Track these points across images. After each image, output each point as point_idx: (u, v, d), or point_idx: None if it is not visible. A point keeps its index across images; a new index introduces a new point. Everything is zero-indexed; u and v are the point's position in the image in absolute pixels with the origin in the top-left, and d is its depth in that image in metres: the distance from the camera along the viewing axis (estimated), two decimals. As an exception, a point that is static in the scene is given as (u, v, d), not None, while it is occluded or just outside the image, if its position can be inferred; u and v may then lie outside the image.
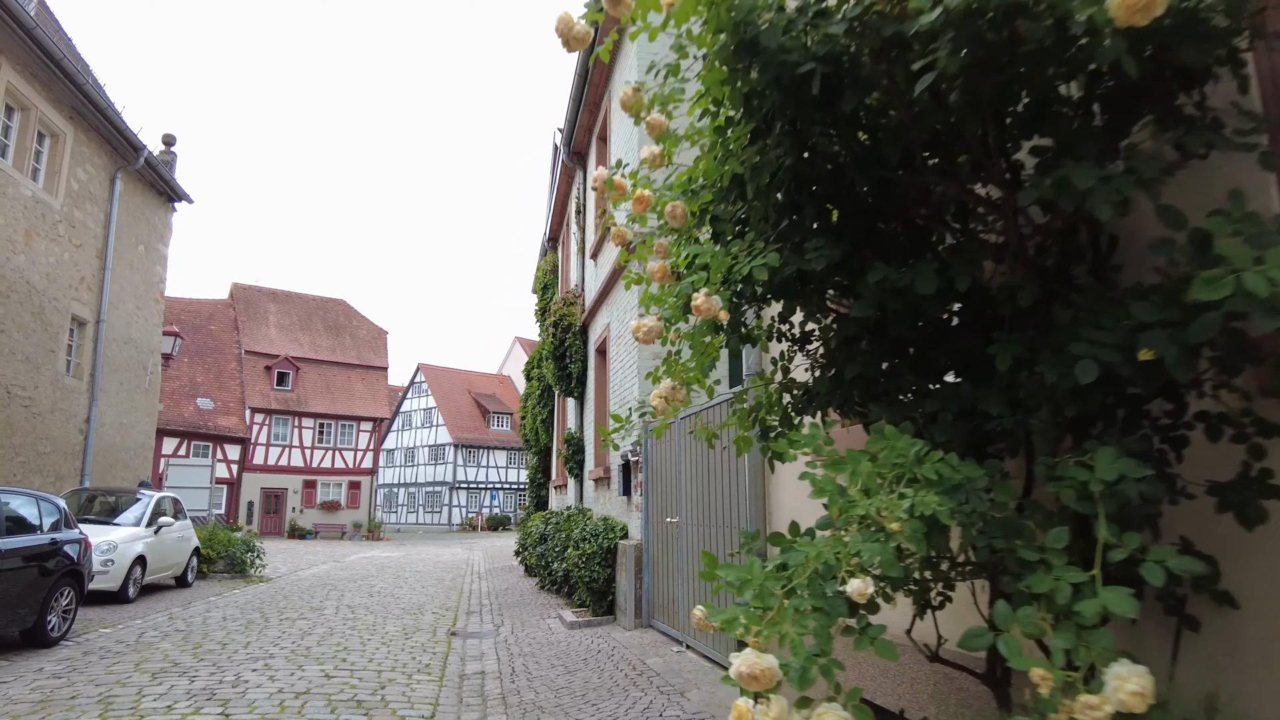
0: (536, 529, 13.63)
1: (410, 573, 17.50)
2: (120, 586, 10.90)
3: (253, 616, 9.94)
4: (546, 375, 13.92)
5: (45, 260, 12.94)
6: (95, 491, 12.79)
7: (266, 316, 43.86)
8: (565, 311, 13.31)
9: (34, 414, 12.64)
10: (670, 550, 7.73)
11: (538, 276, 19.40)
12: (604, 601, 9.19)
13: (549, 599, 11.80)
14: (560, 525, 11.89)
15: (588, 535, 9.54)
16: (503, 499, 56.51)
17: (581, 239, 14.10)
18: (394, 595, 12.73)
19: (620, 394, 10.06)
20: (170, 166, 17.46)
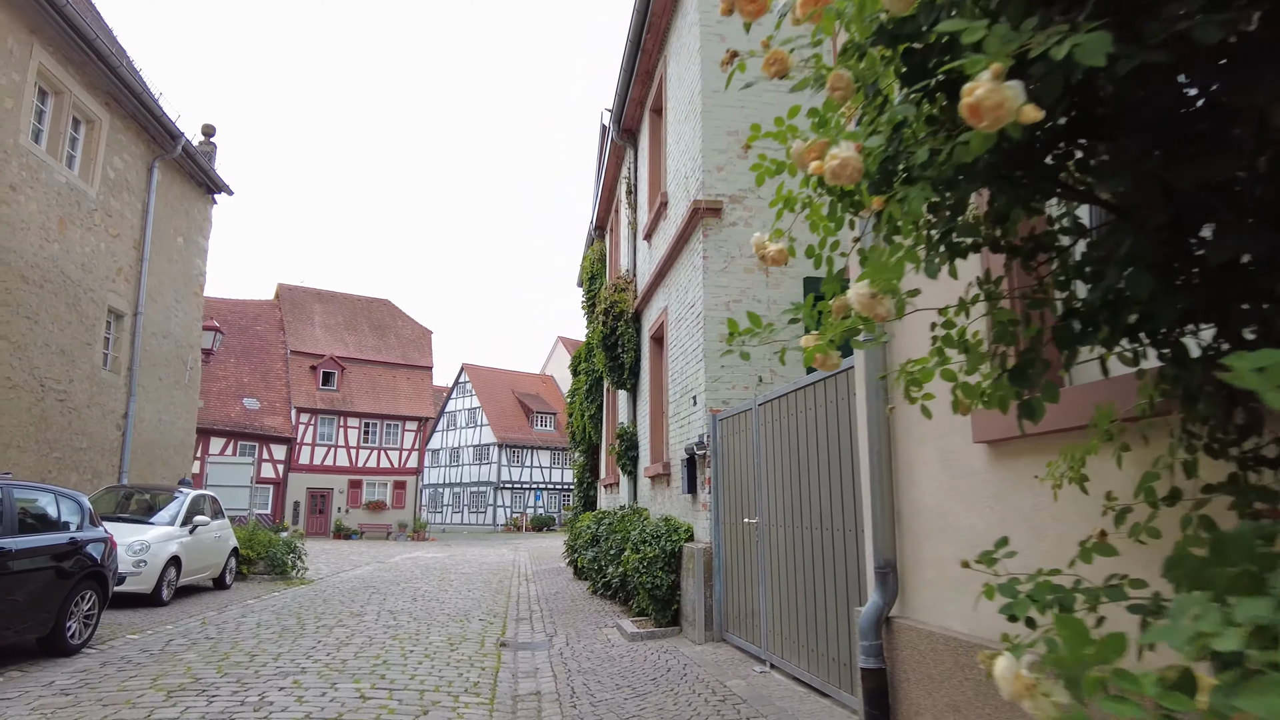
0: (587, 530, 12.80)
1: (456, 575, 16.83)
2: (153, 589, 10.34)
3: (288, 623, 9.26)
4: (597, 366, 13.09)
5: (80, 250, 12.51)
6: (132, 489, 12.31)
7: (312, 317, 43.93)
8: (616, 298, 12.47)
9: (70, 408, 12.20)
10: (748, 555, 6.80)
11: (584, 267, 18.60)
12: (668, 611, 8.30)
13: (603, 605, 10.95)
14: (614, 526, 11.04)
15: (648, 537, 8.66)
16: (547, 499, 56.06)
17: (633, 220, 13.24)
18: (438, 599, 12.00)
19: (681, 381, 9.16)
20: (210, 157, 17.05)
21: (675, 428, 9.43)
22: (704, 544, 7.83)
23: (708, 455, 7.87)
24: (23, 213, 11.08)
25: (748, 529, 6.80)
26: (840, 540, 5.01)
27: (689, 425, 8.72)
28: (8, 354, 10.77)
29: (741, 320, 7.84)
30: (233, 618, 9.67)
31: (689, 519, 8.59)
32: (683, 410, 9.06)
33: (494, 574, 17.26)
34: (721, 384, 8.03)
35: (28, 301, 11.20)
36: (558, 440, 56.85)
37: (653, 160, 11.79)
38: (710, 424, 7.86)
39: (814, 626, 5.36)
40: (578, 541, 14.99)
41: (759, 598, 6.46)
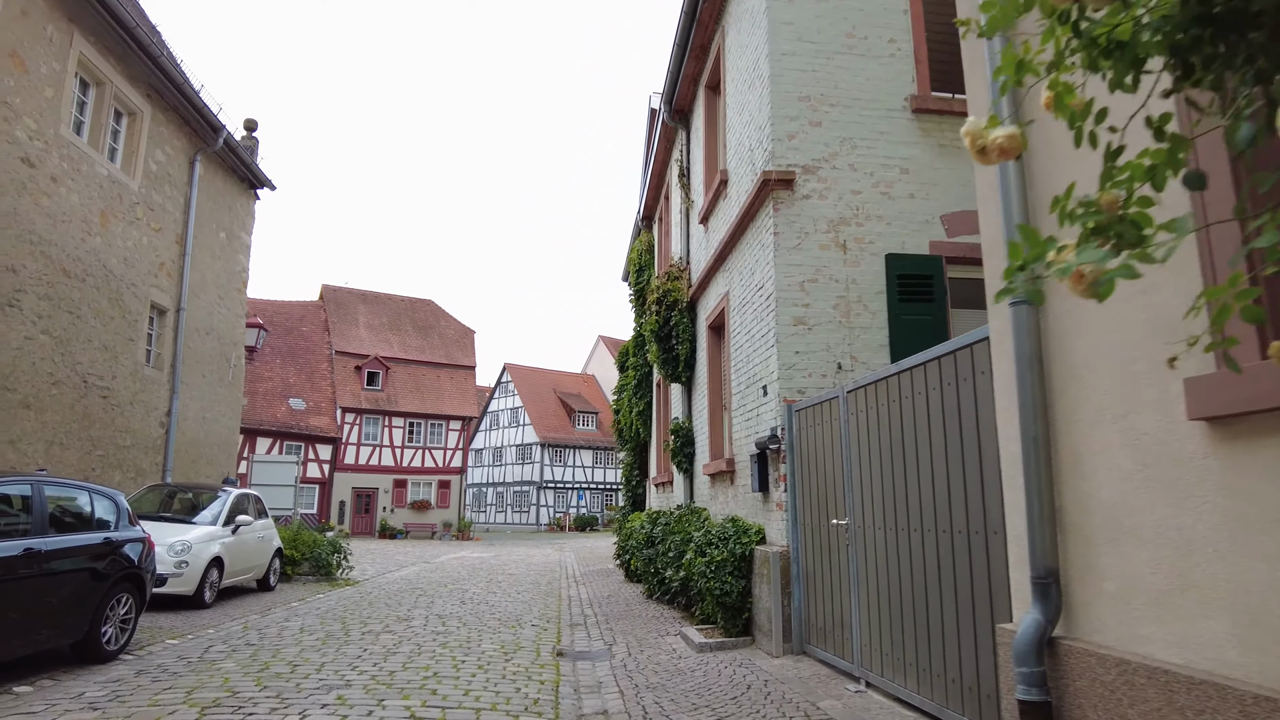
0: (640, 531, 12.18)
1: (503, 575, 16.35)
2: (195, 590, 9.98)
3: (333, 628, 8.79)
4: (650, 359, 12.45)
5: (123, 244, 12.26)
6: (175, 488, 12.01)
7: (356, 317, 44.11)
8: (669, 287, 11.82)
9: (113, 405, 11.94)
10: (835, 560, 6.10)
11: (631, 259, 17.99)
12: (738, 619, 7.62)
13: (661, 610, 10.32)
14: (672, 527, 10.39)
15: (714, 540, 7.99)
16: (589, 498, 55.69)
17: (686, 205, 12.57)
18: (488, 602, 11.48)
19: (747, 371, 8.48)
20: (252, 152, 16.82)
21: (740, 421, 8.75)
22: (779, 547, 7.14)
23: (782, 450, 7.18)
24: (64, 205, 10.82)
25: (834, 531, 6.10)
26: (963, 544, 4.29)
27: (757, 418, 8.03)
28: (50, 349, 10.51)
29: (818, 301, 7.29)
30: (275, 622, 9.24)
31: (759, 520, 7.90)
32: (749, 402, 8.38)
33: (542, 575, 16.74)
34: (796, 372, 7.33)
35: (70, 296, 10.94)
36: (600, 440, 56.48)
37: (708, 139, 11.12)
38: (784, 416, 7.17)
39: (927, 643, 4.65)
40: (629, 543, 14.39)
41: (850, 608, 5.76)
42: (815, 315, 7.47)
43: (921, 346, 7.34)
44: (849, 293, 7.58)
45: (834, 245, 7.65)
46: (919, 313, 7.57)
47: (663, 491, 14.73)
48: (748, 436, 8.37)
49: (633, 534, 14.35)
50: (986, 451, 4.09)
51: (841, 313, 7.52)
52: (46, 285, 10.44)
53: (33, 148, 10.21)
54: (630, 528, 14.78)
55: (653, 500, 16.54)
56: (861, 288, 7.62)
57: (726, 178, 9.69)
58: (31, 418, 10.17)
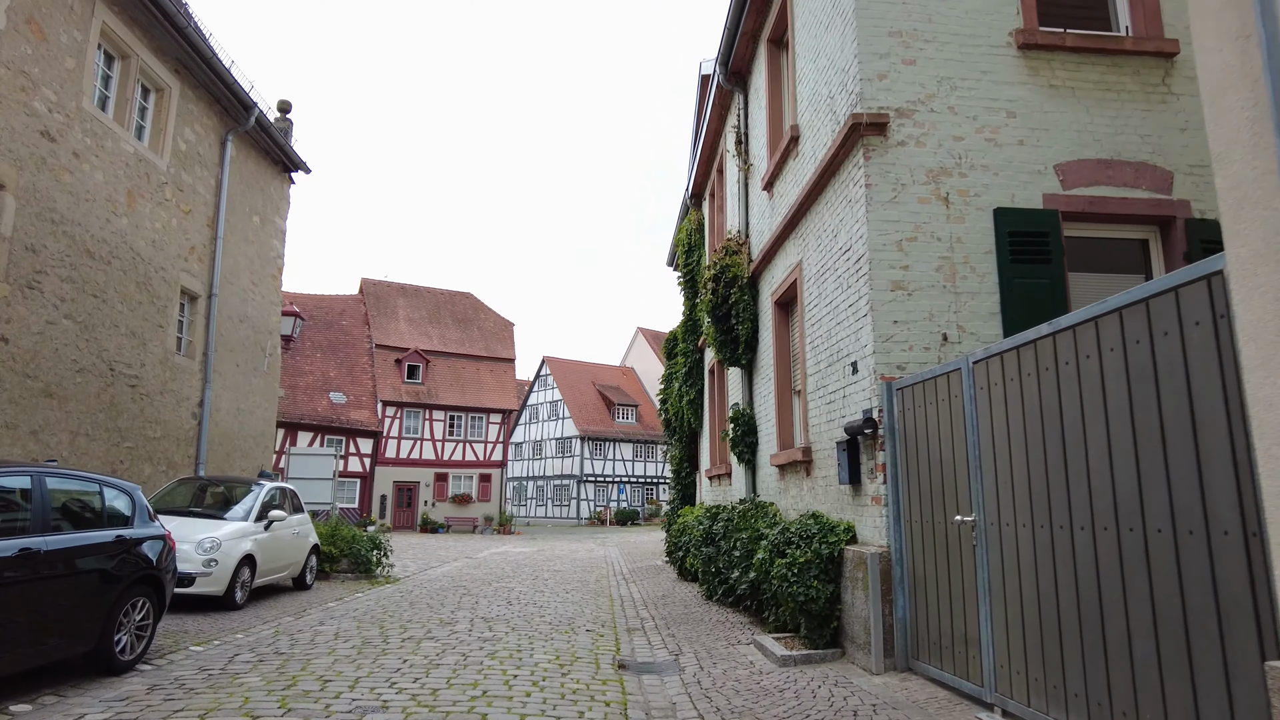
0: (697, 527, 11.27)
1: (548, 572, 15.58)
2: (226, 590, 9.31)
3: (370, 633, 8.03)
4: (706, 341, 11.50)
5: (151, 225, 11.66)
6: (206, 481, 11.40)
7: (396, 310, 43.83)
8: (728, 262, 10.86)
9: (141, 394, 11.36)
10: (957, 564, 5.12)
11: (679, 240, 17.05)
12: (825, 628, 6.67)
13: (725, 615, 9.40)
14: (736, 523, 9.46)
15: (793, 538, 7.04)
16: (630, 492, 54.93)
17: (744, 174, 11.60)
18: (535, 603, 10.68)
19: (829, 347, 7.50)
20: (286, 134, 16.22)
21: (819, 405, 7.78)
22: (877, 547, 6.17)
23: (880, 435, 6.20)
24: (87, 183, 10.22)
25: (955, 529, 5.12)
26: (1166, 547, 3.30)
27: (843, 401, 7.06)
28: (74, 334, 9.93)
29: (918, 263, 6.11)
30: (309, 625, 8.52)
31: (847, 516, 6.93)
32: (831, 382, 7.40)
33: (588, 572, 15.94)
34: (894, 345, 6.35)
35: (94, 279, 10.35)
36: (640, 433, 55.70)
37: (772, 98, 10.13)
38: (883, 396, 6.20)
39: (1105, 671, 3.67)
40: (682, 539, 13.51)
41: (979, 620, 4.79)
42: (915, 279, 6.47)
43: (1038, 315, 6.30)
44: (953, 253, 6.57)
45: (935, 198, 6.64)
46: (1033, 275, 6.53)
47: (718, 484, 13.80)
48: (830, 422, 7.40)
49: (686, 530, 13.46)
50: (1207, 424, 3.09)
51: (945, 276, 6.51)
52: (69, 267, 9.85)
53: (53, 121, 9.61)
54: (683, 523, 13.88)
55: (705, 494, 15.62)
56: (967, 247, 6.60)
57: (797, 134, 8.70)
58: (54, 407, 9.59)
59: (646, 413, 57.87)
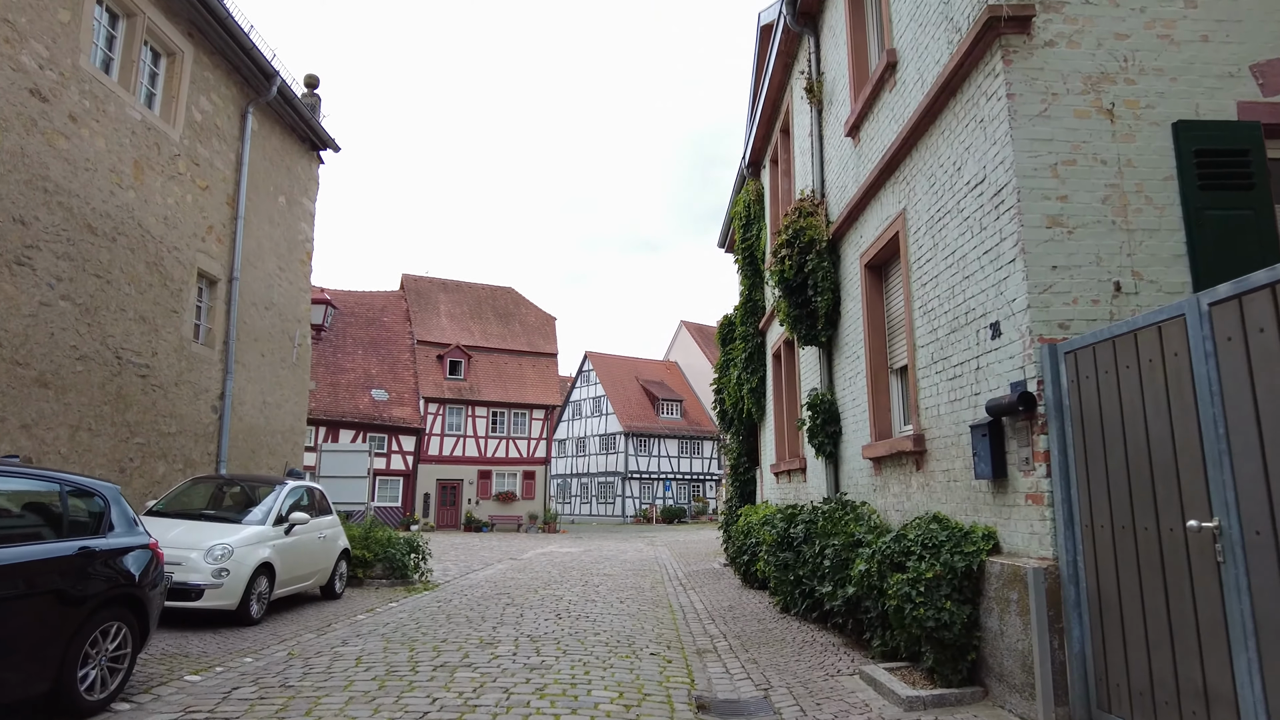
0: (770, 529, 9.89)
1: (598, 576, 14.32)
2: (239, 604, 8.21)
3: (398, 658, 6.82)
4: (779, 316, 10.09)
5: (162, 200, 10.65)
6: (224, 480, 10.35)
7: (437, 306, 43.09)
8: (802, 225, 9.43)
9: (153, 386, 10.35)
10: (1182, 586, 3.66)
11: (735, 213, 15.63)
12: (960, 662, 5.25)
13: (810, 632, 8.01)
14: (822, 526, 8.06)
15: (913, 547, 5.63)
16: (676, 490, 53.56)
17: (817, 125, 10.15)
18: (587, 615, 9.40)
19: (951, 307, 6.05)
20: (314, 110, 15.19)
21: (936, 382, 6.34)
22: (1036, 560, 4.73)
23: (1039, 414, 4.76)
24: (87, 150, 9.21)
25: (1179, 539, 3.67)
26: None
27: (974, 374, 5.62)
28: (73, 318, 8.92)
29: (1079, 192, 3.69)
30: (330, 646, 7.34)
31: (984, 518, 5.48)
32: (954, 352, 5.97)
33: (641, 576, 14.64)
34: (1055, 297, 4.89)
35: (97, 257, 9.34)
36: (685, 428, 54.30)
37: (854, 29, 8.68)
38: (1043, 363, 4.75)
39: None
40: (747, 541, 12.13)
41: (1232, 669, 3.34)
42: (1076, 213, 5.00)
43: (1240, 256, 4.80)
44: (1122, 180, 5.08)
45: (1095, 111, 5.16)
46: (1231, 205, 5.01)
47: (786, 481, 12.38)
48: (954, 402, 5.95)
49: (751, 531, 12.08)
50: None
51: (1114, 209, 5.03)
52: (66, 243, 8.84)
53: (44, 79, 8.59)
54: (746, 523, 12.50)
55: (769, 491, 14.20)
56: (1140, 172, 5.11)
57: (894, 59, 7.25)
58: (51, 398, 8.58)
59: (691, 408, 56.43)
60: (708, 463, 55.17)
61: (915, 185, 6.81)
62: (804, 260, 9.37)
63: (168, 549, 7.98)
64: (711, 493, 54.74)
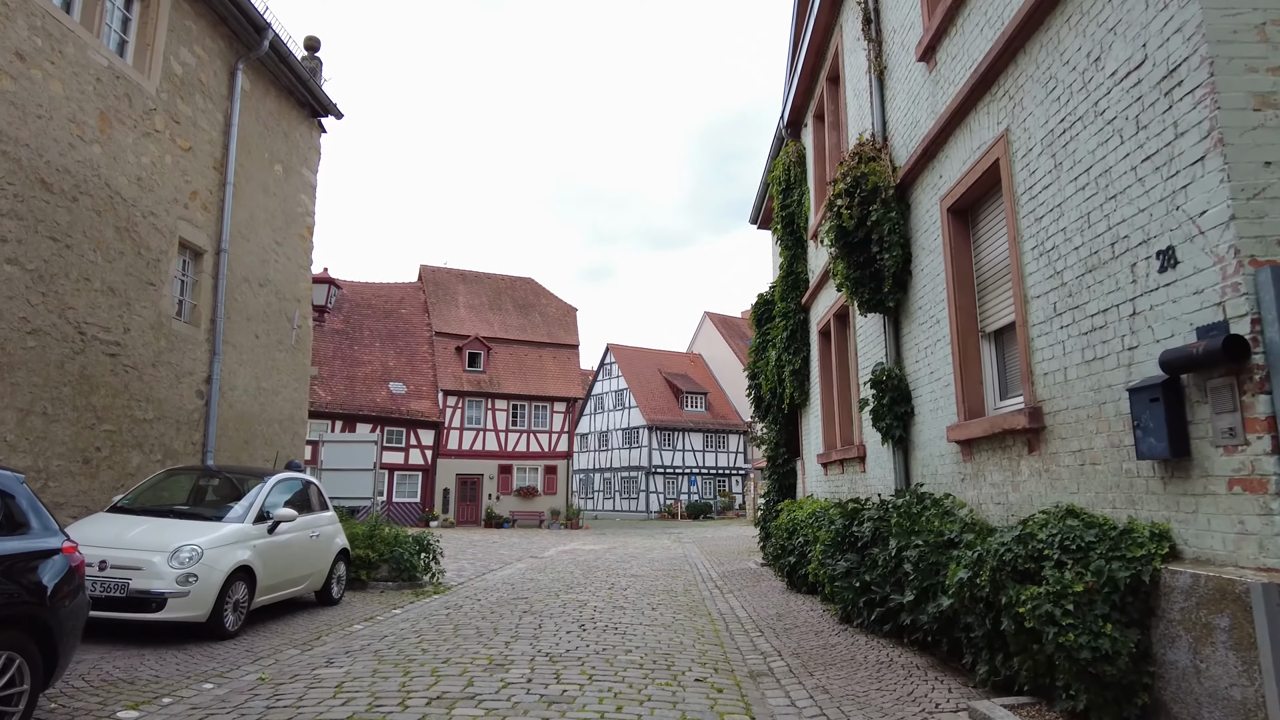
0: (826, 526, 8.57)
1: (625, 578, 13.05)
2: (210, 615, 7.01)
3: (387, 685, 5.57)
4: (835, 281, 8.73)
5: (135, 159, 9.49)
6: (205, 472, 9.19)
7: (455, 297, 42.03)
8: (864, 171, 8.06)
9: (125, 366, 9.20)
10: None
11: (774, 178, 14.24)
12: (1127, 706, 3.89)
13: (882, 648, 6.66)
14: (898, 524, 6.70)
15: (1050, 549, 4.27)
16: (701, 484, 52.20)
17: (877, 63, 8.77)
18: (615, 626, 8.12)
19: (1089, 241, 4.68)
20: (314, 74, 14.01)
21: (1062, 339, 4.98)
22: (1255, 571, 3.36)
23: (1259, 365, 3.38)
24: (39, 95, 8.05)
25: None
26: None
27: (1127, 321, 4.26)
28: (22, 285, 7.77)
29: None
30: (311, 667, 6.12)
31: (1151, 512, 4.11)
32: (1092, 296, 4.60)
33: (672, 577, 13.36)
34: (1271, 204, 3.52)
35: (53, 217, 8.18)
36: (710, 422, 52.93)
37: (928, -67, 7.29)
38: (1263, 293, 3.38)
39: None
40: (793, 540, 10.81)
41: None
42: (1296, 89, 3.62)
43: None
44: (1358, 46, 3.68)
45: (1317, -48, 3.76)
46: None
47: (837, 472, 11.01)
48: (1091, 361, 4.58)
49: (797, 529, 10.76)
50: None
51: (1350, 83, 3.64)
52: (14, 199, 7.68)
53: (-16, 9, 7.43)
54: (792, 520, 11.17)
55: (813, 484, 12.84)
56: (1383, 35, 3.71)
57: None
58: (-5, 377, 7.43)
59: (716, 400, 55.04)
60: (734, 457, 53.77)
61: (1024, 96, 5.42)
62: (866, 212, 8.00)
63: (126, 551, 6.87)
64: (738, 487, 53.34)
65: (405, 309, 40.72)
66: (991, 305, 6.38)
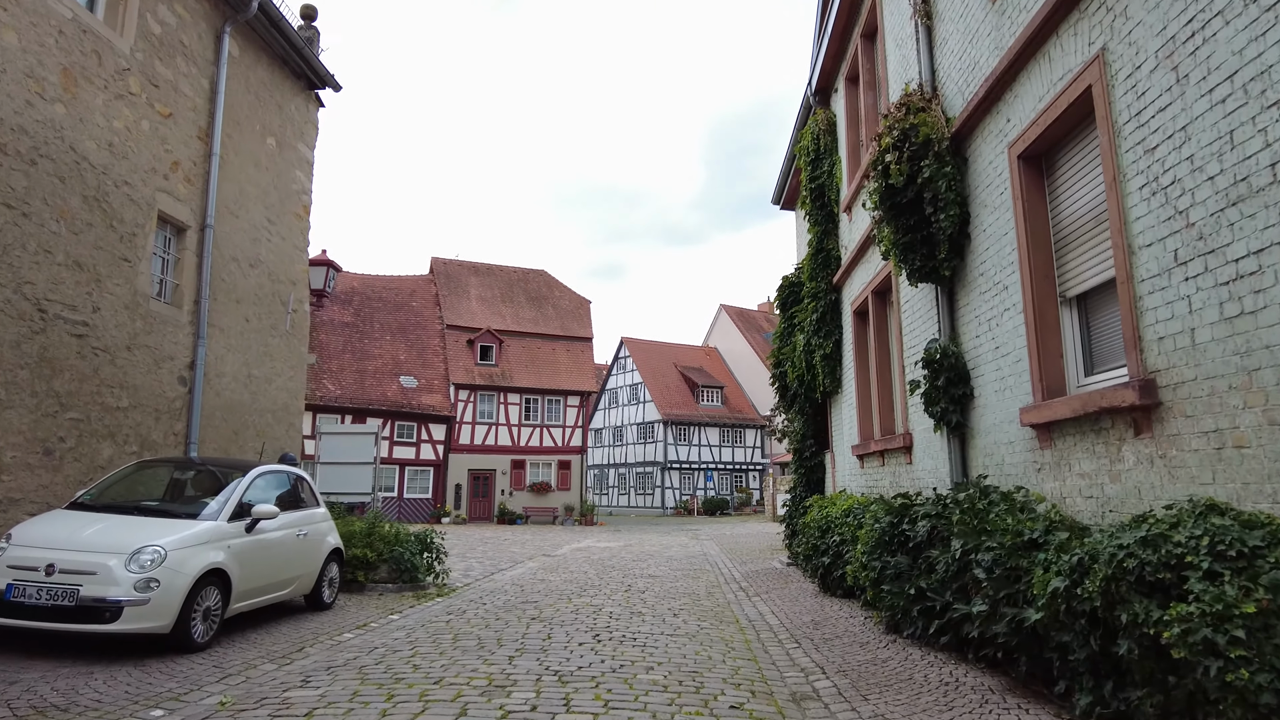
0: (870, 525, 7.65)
1: (642, 578, 12.17)
2: (175, 624, 6.18)
3: (366, 714, 4.71)
4: (882, 247, 7.78)
5: (105, 123, 8.68)
6: (181, 464, 8.36)
7: (467, 290, 41.27)
8: (912, 124, 7.10)
9: (95, 349, 8.39)
10: None
11: (800, 150, 13.27)
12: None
13: (943, 665, 5.72)
14: (962, 521, 5.77)
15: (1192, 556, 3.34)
16: (718, 480, 51.25)
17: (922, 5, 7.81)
18: (634, 637, 7.23)
19: (1223, 173, 3.73)
20: (311, 44, 13.18)
21: (1187, 292, 4.03)
22: None
23: None
24: (-8, 46, 7.23)
25: None
26: None
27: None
28: (-29, 257, 6.96)
29: None
30: (282, 689, 5.27)
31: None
32: (1242, 235, 3.65)
33: (692, 578, 12.46)
34: None
35: (8, 183, 7.37)
36: (726, 416, 51.96)
37: None
38: None
39: None
40: (826, 540, 9.88)
41: None
42: None
43: None
44: None
45: None
46: None
47: (877, 464, 10.07)
48: (1243, 315, 3.63)
49: (832, 527, 9.84)
50: None
51: None
52: (-40, 159, 6.87)
53: (-74, -54, 6.61)
54: (825, 517, 10.24)
55: (846, 478, 11.89)
56: None
57: None
58: (-62, 358, 6.63)
59: (733, 394, 54.06)
60: (751, 452, 52.79)
61: (1128, 3, 4.46)
62: (917, 168, 7.04)
63: (78, 553, 6.04)
64: (755, 483, 52.36)
65: (416, 301, 40.01)
66: (1074, 265, 5.43)
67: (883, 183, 7.32)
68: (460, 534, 25.17)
